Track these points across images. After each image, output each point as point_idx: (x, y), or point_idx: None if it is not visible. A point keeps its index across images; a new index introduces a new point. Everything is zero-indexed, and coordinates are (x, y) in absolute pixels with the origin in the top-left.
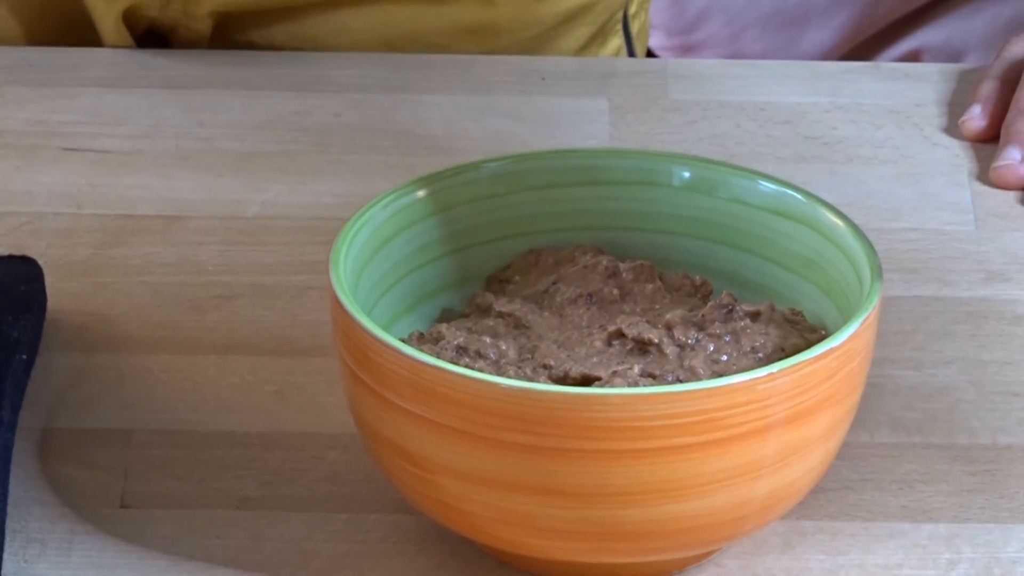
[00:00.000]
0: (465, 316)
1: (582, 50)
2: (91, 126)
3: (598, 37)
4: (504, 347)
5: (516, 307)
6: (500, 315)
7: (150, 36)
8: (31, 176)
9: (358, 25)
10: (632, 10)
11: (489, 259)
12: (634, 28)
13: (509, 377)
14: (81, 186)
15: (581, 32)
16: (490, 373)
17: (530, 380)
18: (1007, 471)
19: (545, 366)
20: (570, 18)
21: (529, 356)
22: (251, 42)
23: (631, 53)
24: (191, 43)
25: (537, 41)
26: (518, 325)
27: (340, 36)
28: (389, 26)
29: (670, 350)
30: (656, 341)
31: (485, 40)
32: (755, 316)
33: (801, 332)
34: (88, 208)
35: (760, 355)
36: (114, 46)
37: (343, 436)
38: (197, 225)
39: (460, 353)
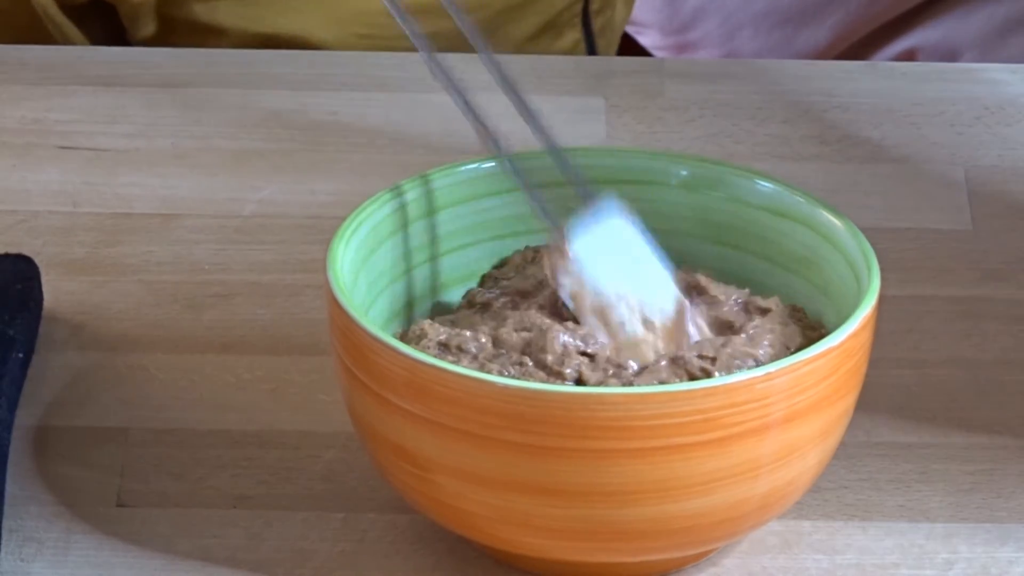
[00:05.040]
0: (454, 312)
1: (533, 40)
2: (87, 124)
3: (551, 29)
4: (483, 340)
5: (493, 297)
6: (480, 306)
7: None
8: (27, 174)
9: (306, 6)
10: (595, 7)
11: (486, 258)
12: (596, 24)
13: (490, 372)
14: (77, 184)
15: (531, 21)
16: (472, 368)
17: (510, 375)
18: (1004, 471)
19: (520, 364)
20: (519, 5)
21: (504, 351)
22: (194, 18)
23: (591, 50)
24: (135, 13)
25: (485, 25)
26: (496, 317)
27: (288, 16)
28: (335, 7)
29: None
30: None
31: (432, 21)
32: (764, 313)
33: (803, 329)
34: (84, 206)
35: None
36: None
37: (340, 435)
38: (193, 223)
39: (443, 350)
